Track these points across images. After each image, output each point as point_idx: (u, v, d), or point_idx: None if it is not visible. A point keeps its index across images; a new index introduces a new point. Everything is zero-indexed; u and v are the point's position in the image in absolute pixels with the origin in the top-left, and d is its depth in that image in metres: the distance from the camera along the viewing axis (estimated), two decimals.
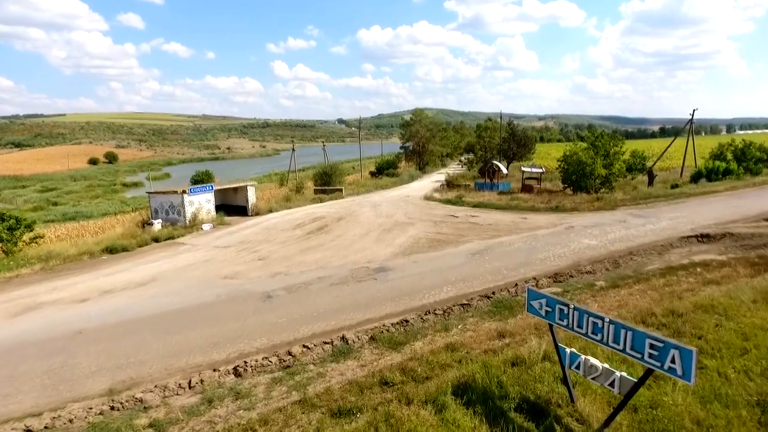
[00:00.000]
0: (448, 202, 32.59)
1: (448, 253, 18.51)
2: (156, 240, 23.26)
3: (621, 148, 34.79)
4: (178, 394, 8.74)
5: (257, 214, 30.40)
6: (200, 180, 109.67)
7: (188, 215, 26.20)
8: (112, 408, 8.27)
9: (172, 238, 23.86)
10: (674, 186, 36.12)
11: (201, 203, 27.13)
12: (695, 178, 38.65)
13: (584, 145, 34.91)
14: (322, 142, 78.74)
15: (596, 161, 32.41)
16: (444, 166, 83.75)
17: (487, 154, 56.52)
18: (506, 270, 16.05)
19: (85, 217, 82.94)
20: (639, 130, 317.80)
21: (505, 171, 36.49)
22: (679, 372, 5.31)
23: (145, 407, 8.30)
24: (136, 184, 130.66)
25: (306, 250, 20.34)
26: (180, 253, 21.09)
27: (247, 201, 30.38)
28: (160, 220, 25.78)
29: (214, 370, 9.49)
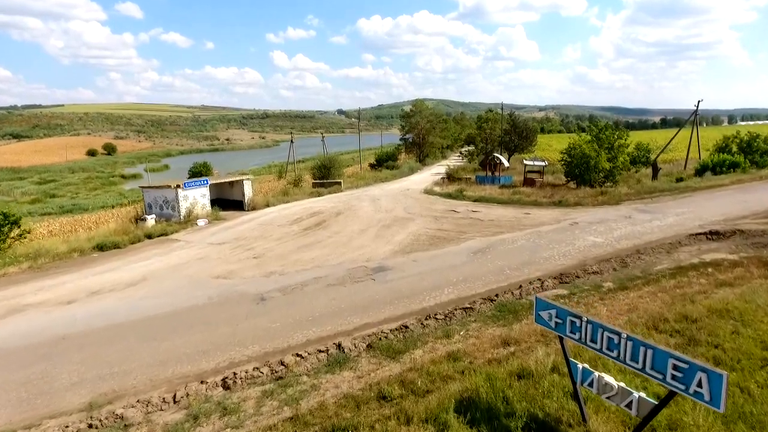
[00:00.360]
0: (449, 196, 31.98)
1: (449, 252, 17.94)
2: (149, 236, 22.68)
3: (625, 140, 34.10)
4: (161, 410, 8.19)
5: (254, 208, 29.80)
6: (198, 172, 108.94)
7: (182, 210, 25.59)
8: (90, 426, 7.73)
9: (166, 234, 23.27)
10: (679, 179, 35.50)
11: (196, 198, 26.50)
12: (700, 171, 37.98)
13: (588, 137, 34.20)
14: (321, 133, 77.92)
15: (600, 154, 31.73)
16: (444, 158, 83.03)
17: (488, 146, 55.78)
18: (509, 270, 15.48)
19: (83, 210, 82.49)
20: (640, 121, 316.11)
21: (506, 164, 35.77)
22: (707, 397, 4.76)
23: (125, 425, 7.75)
24: (134, 176, 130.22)
25: (302, 248, 19.77)
26: (173, 250, 20.52)
27: (243, 195, 29.75)
28: (153, 216, 25.17)
29: (202, 382, 8.93)
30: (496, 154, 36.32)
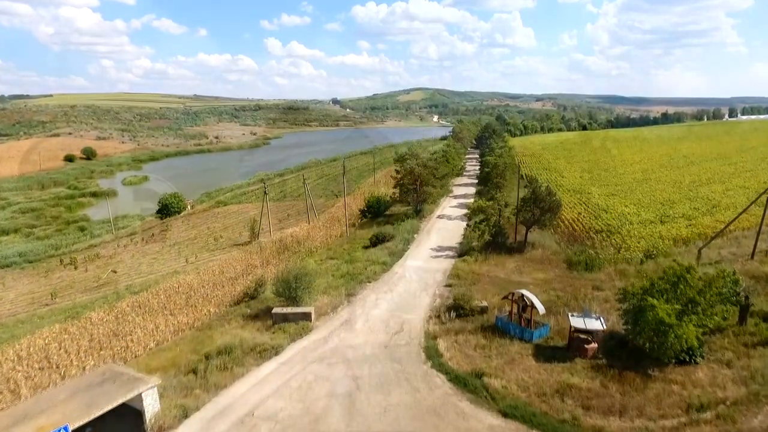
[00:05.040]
0: (464, 385, 21.25)
1: None
2: None
3: (713, 287, 23.43)
4: None
5: (160, 429, 19.17)
6: (167, 204, 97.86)
7: None
8: None
9: None
10: None
11: None
12: None
13: (659, 282, 23.46)
14: (303, 176, 67.16)
15: (687, 326, 21.13)
16: (447, 194, 72.80)
17: (502, 220, 45.25)
18: None
19: (26, 262, 71.68)
20: (641, 116, 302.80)
21: (542, 310, 25.12)
22: None
23: None
24: (107, 195, 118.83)
25: None
26: None
27: (144, 412, 19.09)
28: None
29: None
30: (526, 294, 25.52)
